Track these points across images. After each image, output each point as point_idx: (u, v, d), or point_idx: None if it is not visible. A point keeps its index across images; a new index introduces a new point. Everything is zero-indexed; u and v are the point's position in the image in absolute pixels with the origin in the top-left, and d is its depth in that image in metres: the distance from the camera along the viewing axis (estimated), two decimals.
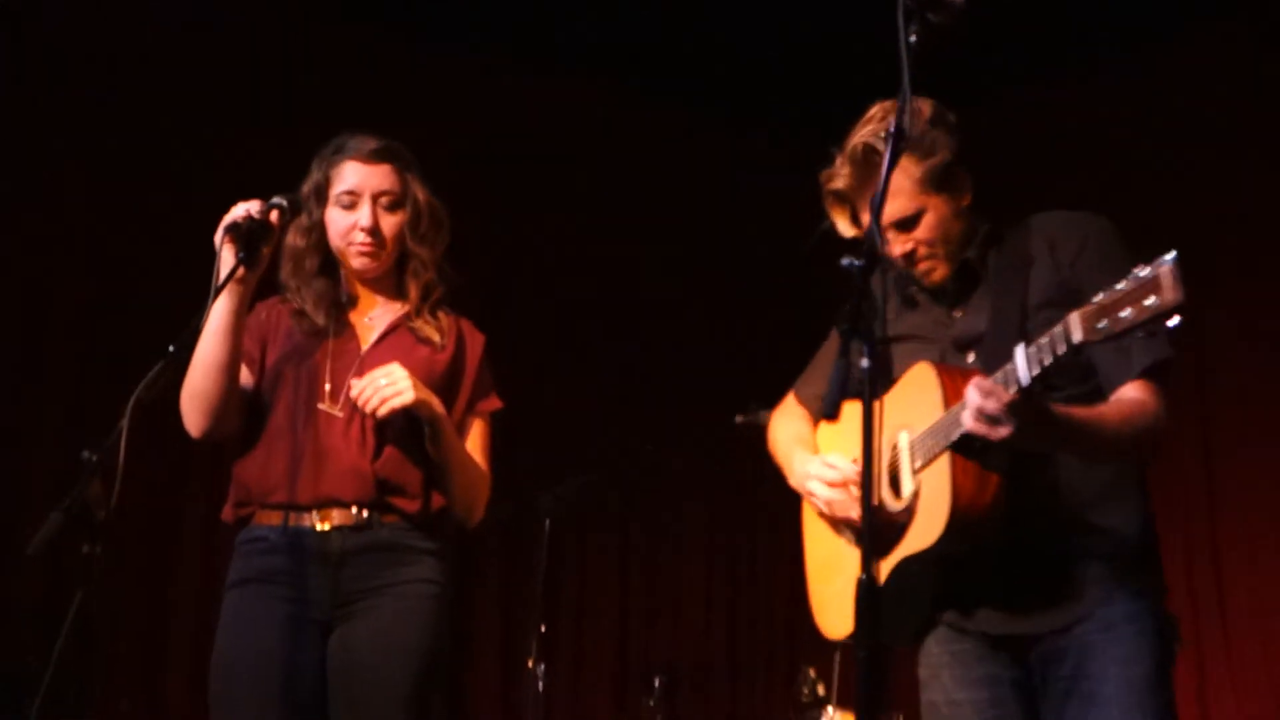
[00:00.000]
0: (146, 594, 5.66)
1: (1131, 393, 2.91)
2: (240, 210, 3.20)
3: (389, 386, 3.27)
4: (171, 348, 2.92)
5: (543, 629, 5.45)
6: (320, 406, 3.36)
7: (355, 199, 3.44)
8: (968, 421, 2.72)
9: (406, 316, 3.50)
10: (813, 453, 3.34)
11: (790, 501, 7.46)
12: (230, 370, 3.30)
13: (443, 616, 3.37)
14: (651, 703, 6.05)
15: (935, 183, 3.02)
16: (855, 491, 3.15)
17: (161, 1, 5.97)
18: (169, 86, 5.92)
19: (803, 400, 3.49)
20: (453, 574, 3.43)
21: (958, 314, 3.12)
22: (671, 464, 6.50)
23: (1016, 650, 3.00)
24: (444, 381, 3.45)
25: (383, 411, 3.27)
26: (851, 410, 3.29)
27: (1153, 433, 2.91)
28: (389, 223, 3.46)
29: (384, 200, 3.45)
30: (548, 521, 5.51)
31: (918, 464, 2.96)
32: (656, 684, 5.97)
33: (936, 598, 3.08)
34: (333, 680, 3.28)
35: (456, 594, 3.46)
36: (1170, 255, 2.43)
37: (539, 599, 5.47)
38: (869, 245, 2.39)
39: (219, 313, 3.24)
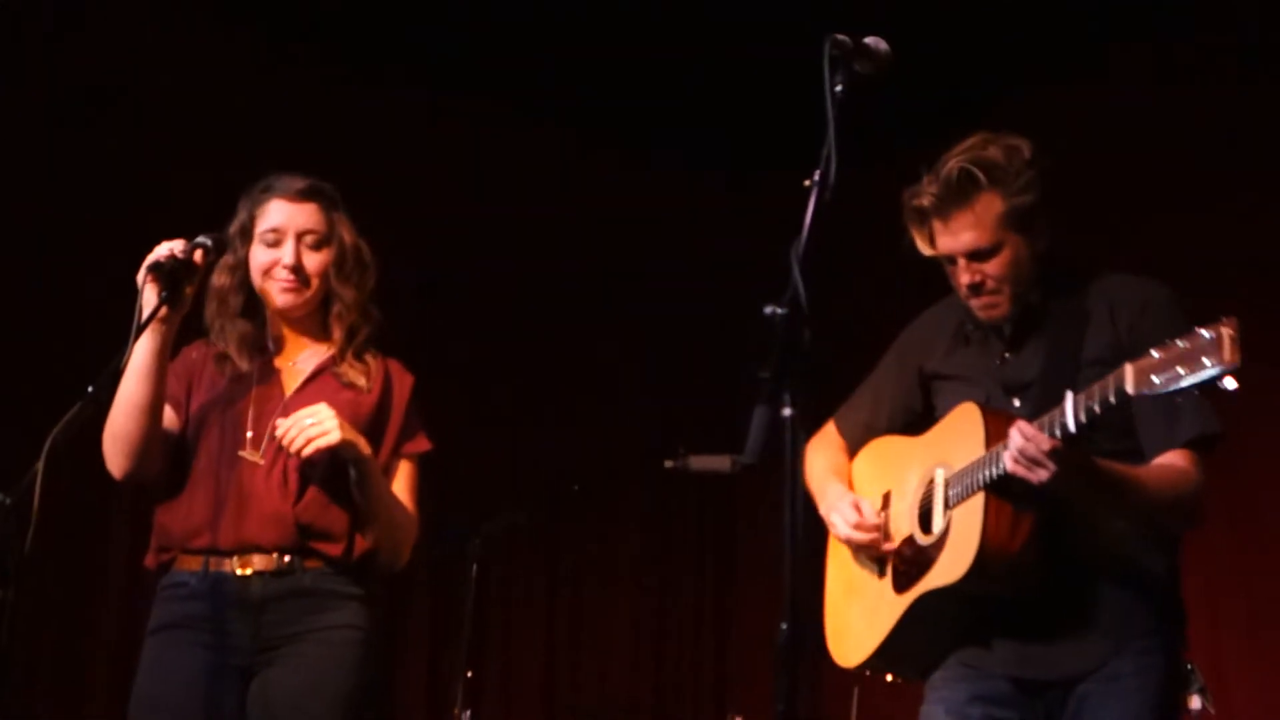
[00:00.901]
0: (64, 639, 5.57)
1: (1174, 460, 2.95)
2: (164, 249, 3.17)
3: (314, 426, 3.23)
4: (90, 388, 2.88)
5: (469, 674, 5.41)
6: (242, 454, 3.33)
7: (279, 236, 3.42)
8: (1009, 463, 2.78)
9: (332, 360, 3.47)
10: (847, 483, 3.39)
11: (717, 546, 7.48)
12: (153, 411, 3.26)
13: (368, 662, 3.33)
14: None
15: (1017, 222, 3.05)
16: (867, 536, 3.21)
17: (108, 39, 5.93)
18: (98, 118, 5.86)
19: (842, 431, 3.51)
20: (379, 619, 3.39)
21: (1009, 356, 3.16)
22: (599, 506, 6.50)
23: (1026, 694, 3.03)
24: (370, 425, 3.41)
25: (307, 451, 3.23)
26: (888, 444, 3.37)
27: (1192, 502, 2.95)
28: (313, 261, 3.43)
29: (308, 239, 3.43)
30: (475, 566, 5.47)
31: (952, 501, 3.00)
32: None
33: (954, 634, 3.10)
34: None
35: (383, 640, 3.42)
36: (1232, 319, 2.49)
37: (465, 645, 5.43)
38: (792, 294, 2.39)
39: (141, 353, 3.20)
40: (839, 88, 2.57)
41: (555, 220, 7.09)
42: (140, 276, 3.14)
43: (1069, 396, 2.74)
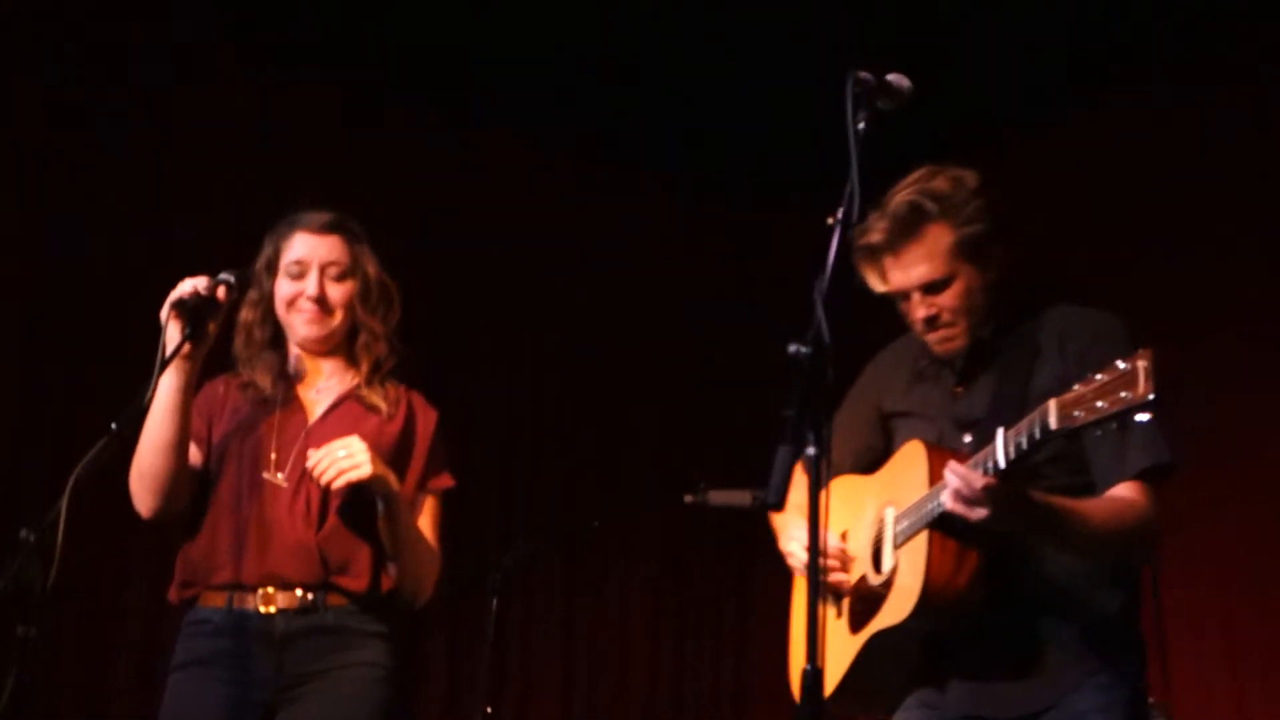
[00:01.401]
0: (85, 674, 5.57)
1: (1123, 492, 2.92)
2: (187, 286, 3.18)
3: (347, 459, 3.23)
4: (114, 425, 2.88)
5: (489, 710, 5.39)
6: (264, 475, 3.33)
7: (303, 268, 3.45)
8: (947, 502, 2.77)
9: (355, 388, 3.48)
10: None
11: (735, 582, 7.44)
12: (179, 448, 3.27)
13: (391, 700, 3.32)
14: None
15: (968, 252, 3.04)
16: (831, 563, 3.17)
17: (131, 68, 5.96)
18: (119, 152, 5.89)
19: (804, 469, 3.49)
20: (401, 657, 3.39)
21: (960, 391, 3.14)
22: (618, 540, 6.49)
23: None
24: (393, 454, 3.41)
25: (338, 484, 3.23)
26: (848, 484, 3.34)
27: (1142, 533, 2.93)
28: (336, 291, 3.45)
29: (332, 270, 3.45)
30: (494, 600, 5.47)
31: (899, 539, 2.99)
32: None
33: (911, 672, 3.08)
34: None
35: (404, 677, 3.42)
36: (1147, 351, 2.48)
37: (486, 678, 5.42)
38: (815, 332, 2.39)
39: (166, 390, 3.21)
40: (861, 124, 2.58)
41: (575, 253, 7.12)
42: (164, 313, 3.15)
43: (1000, 433, 2.73)
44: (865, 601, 3.10)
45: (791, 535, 3.27)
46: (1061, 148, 6.53)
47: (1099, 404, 2.51)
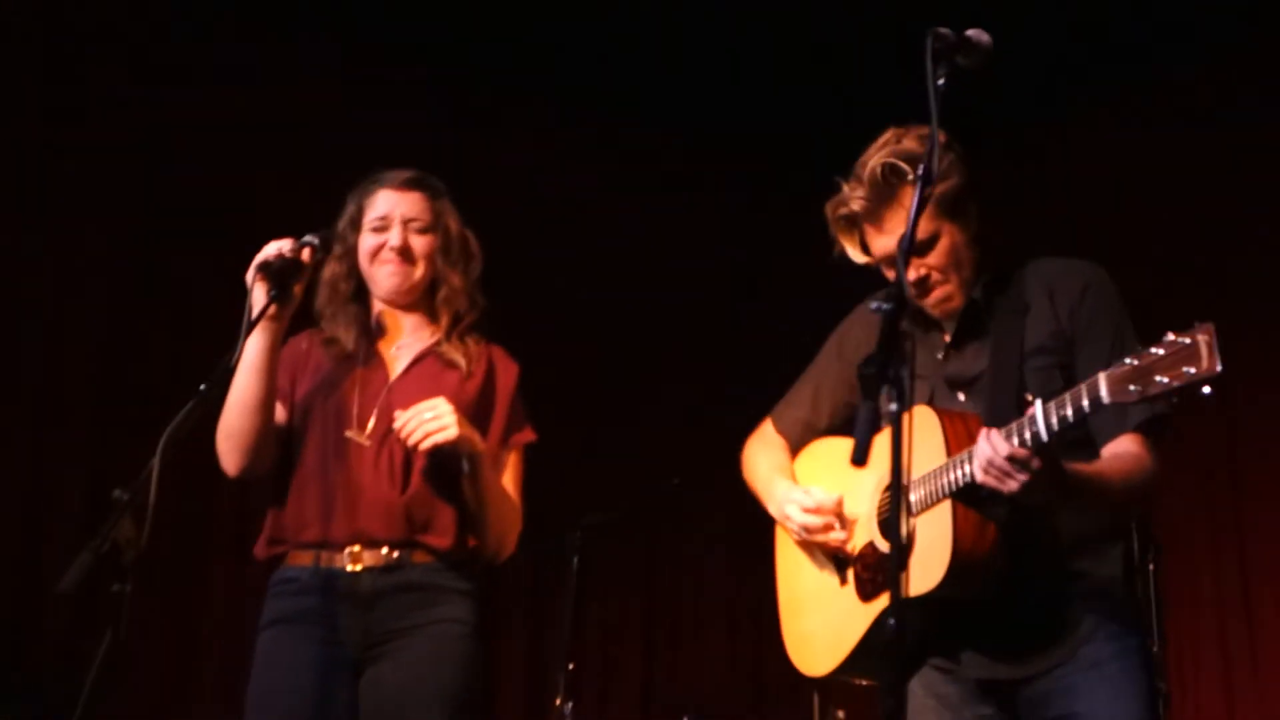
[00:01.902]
0: (173, 629, 5.67)
1: (1127, 446, 2.92)
2: (272, 248, 3.22)
3: (433, 421, 3.26)
4: (203, 386, 2.92)
5: (570, 667, 5.42)
6: (347, 433, 3.37)
7: (386, 223, 3.49)
8: (978, 473, 2.74)
9: (435, 344, 3.50)
10: (793, 482, 3.34)
11: None
12: (265, 408, 3.31)
13: (475, 657, 3.35)
14: None
15: (948, 208, 3.01)
16: (832, 521, 3.18)
17: (193, 44, 6.02)
18: (195, 120, 5.96)
19: (781, 429, 3.48)
20: (484, 614, 3.41)
21: (951, 351, 3.11)
22: (697, 498, 6.48)
23: (1003, 694, 2.99)
24: (474, 409, 3.43)
25: (425, 446, 3.25)
26: (830, 446, 3.31)
27: (1147, 488, 2.94)
28: (419, 244, 3.49)
29: (414, 225, 3.50)
30: (576, 559, 5.49)
31: (915, 508, 2.95)
32: None
33: (925, 641, 3.06)
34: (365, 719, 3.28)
35: (487, 634, 3.45)
36: (1208, 325, 2.45)
37: (567, 637, 5.44)
38: (898, 288, 2.39)
39: (252, 350, 3.26)
40: (941, 81, 2.57)
41: (647, 213, 7.12)
42: (249, 275, 3.19)
43: (1038, 405, 2.68)
44: (875, 570, 3.08)
45: (785, 499, 3.28)
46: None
47: (1159, 378, 2.48)
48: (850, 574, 3.18)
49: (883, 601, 3.04)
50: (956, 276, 3.06)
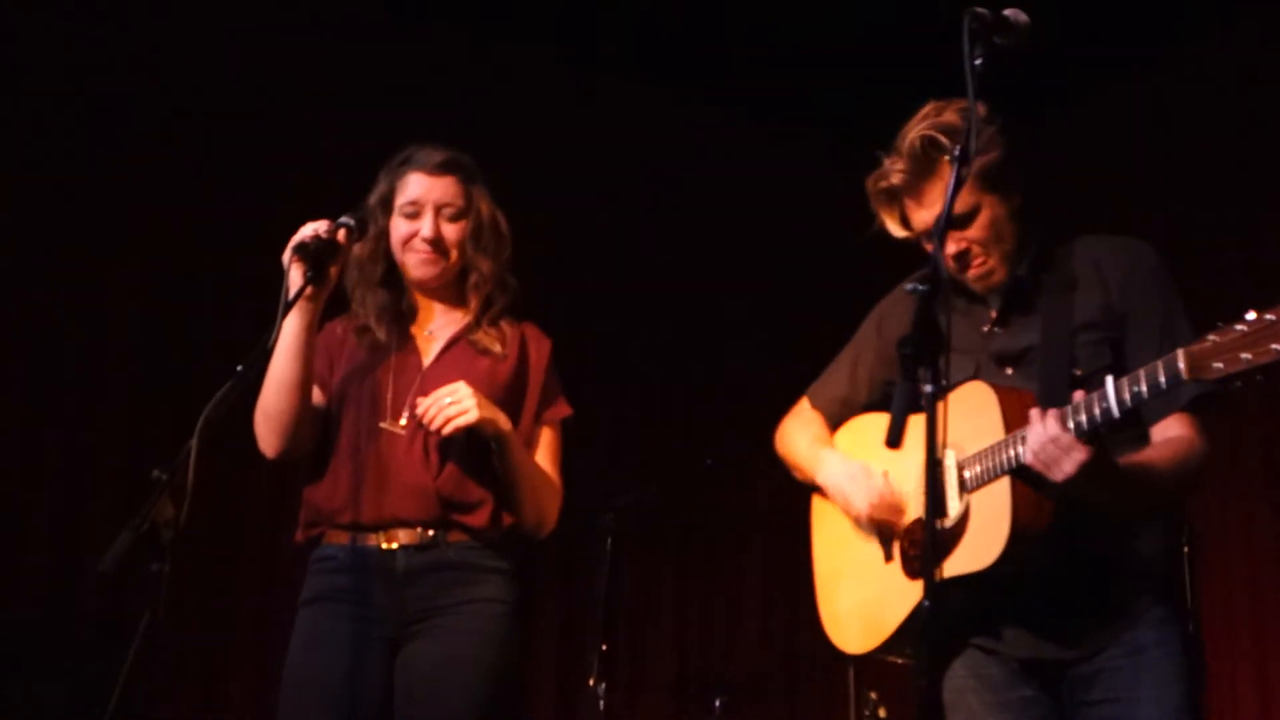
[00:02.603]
0: (208, 609, 5.70)
1: (1177, 429, 2.90)
2: (308, 230, 3.23)
3: (453, 405, 3.27)
4: (240, 367, 2.94)
5: (604, 648, 5.44)
6: (382, 425, 3.38)
7: (418, 209, 3.48)
8: (1028, 456, 2.73)
9: (467, 329, 3.51)
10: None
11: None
12: (302, 389, 3.33)
13: (512, 636, 3.36)
14: None
15: (989, 181, 3.00)
16: (889, 508, 3.15)
17: (229, 28, 6.05)
18: (228, 104, 5.99)
19: (818, 406, 3.48)
20: (521, 593, 3.42)
21: (997, 327, 3.10)
22: (730, 478, 6.49)
23: (1046, 675, 2.99)
24: (507, 393, 3.44)
25: (447, 430, 3.27)
26: (871, 421, 3.30)
27: (1199, 471, 2.91)
28: (450, 232, 3.48)
29: (446, 211, 3.48)
30: (609, 540, 5.50)
31: (969, 485, 2.94)
32: (717, 705, 5.95)
33: (969, 617, 3.04)
34: (399, 698, 3.30)
35: (524, 613, 3.45)
36: None
37: (600, 617, 5.46)
38: (934, 268, 2.38)
39: (289, 331, 3.27)
40: (979, 61, 2.56)
41: (685, 194, 7.10)
42: (286, 257, 3.19)
43: (1109, 381, 2.66)
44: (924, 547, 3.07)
45: (850, 476, 3.24)
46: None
47: (1244, 355, 2.45)
48: (896, 550, 3.16)
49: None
50: (998, 250, 3.04)
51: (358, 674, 3.28)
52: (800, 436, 3.44)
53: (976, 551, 2.88)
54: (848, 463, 3.27)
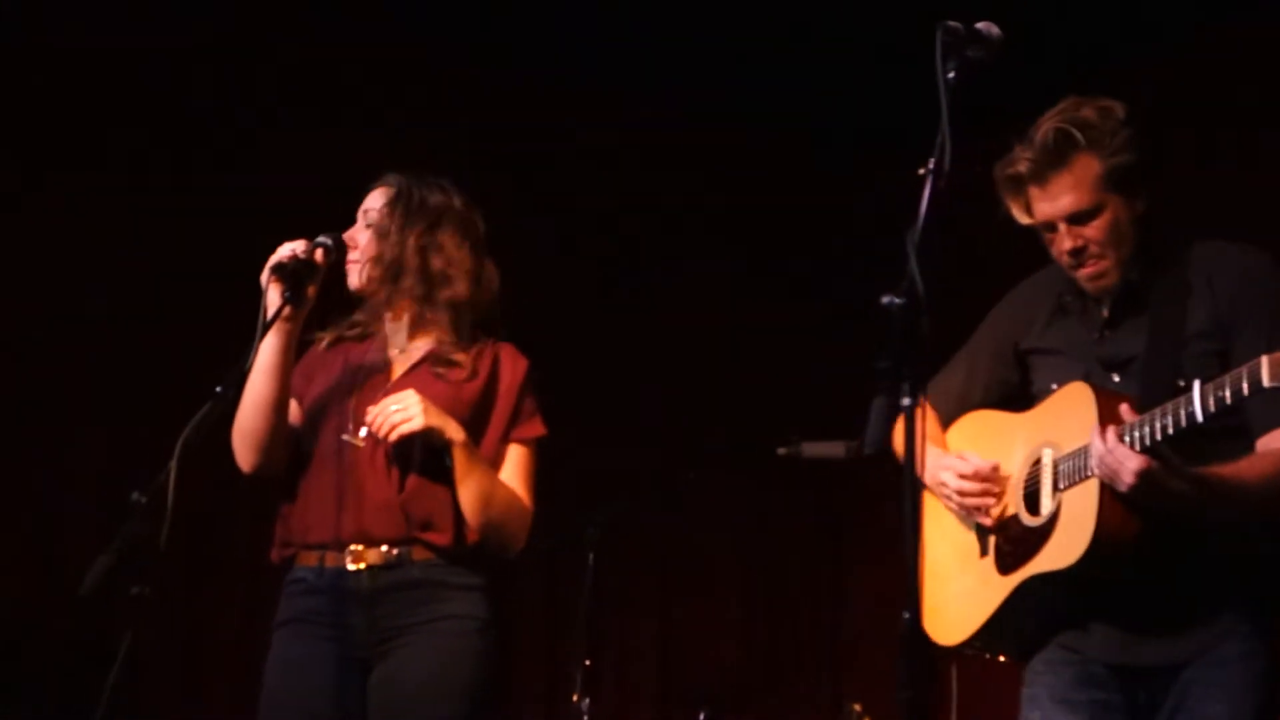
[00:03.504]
0: (189, 630, 5.69)
1: None
2: (286, 250, 3.24)
3: (398, 412, 3.27)
4: (219, 388, 2.94)
5: (587, 663, 5.44)
6: (343, 436, 3.38)
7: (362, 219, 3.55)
8: (1094, 466, 2.76)
9: (439, 346, 3.50)
10: (945, 450, 3.35)
11: (829, 533, 7.39)
12: (279, 408, 3.33)
13: (486, 652, 3.36)
14: None
15: (1115, 183, 3.01)
16: (987, 487, 3.18)
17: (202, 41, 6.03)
18: (211, 114, 5.96)
19: (934, 402, 3.46)
20: (496, 609, 3.42)
21: (1108, 331, 3.11)
22: (712, 492, 6.49)
23: (1127, 680, 3.00)
24: (472, 411, 3.44)
25: (393, 437, 3.27)
26: (983, 418, 3.34)
27: None
28: (366, 240, 3.51)
29: (370, 215, 3.53)
30: (591, 555, 5.50)
31: (1061, 484, 2.97)
32: (701, 717, 5.95)
33: (1056, 617, 3.07)
34: (373, 718, 3.30)
35: (501, 630, 3.45)
36: None
37: (583, 633, 5.46)
38: (910, 281, 2.39)
39: (267, 352, 3.27)
40: (951, 74, 2.57)
41: (665, 203, 7.09)
42: (264, 277, 3.21)
43: (1196, 386, 2.69)
44: (1016, 543, 3.09)
45: (937, 464, 3.26)
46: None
47: None
48: (991, 544, 3.19)
49: (1021, 575, 3.04)
50: (1115, 254, 3.05)
51: (332, 695, 3.29)
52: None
53: (1061, 551, 2.92)
54: (945, 455, 3.30)
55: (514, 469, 3.51)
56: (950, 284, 2.84)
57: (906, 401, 2.32)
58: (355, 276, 3.50)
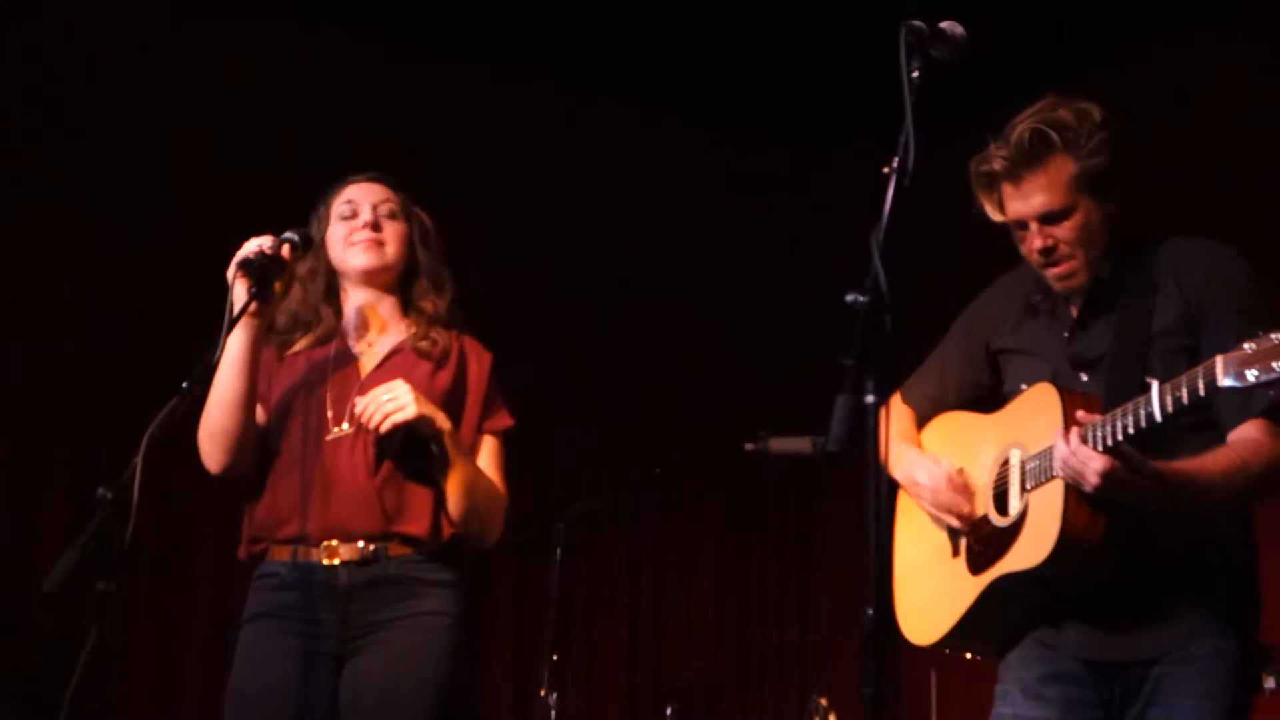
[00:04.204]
0: (158, 626, 5.68)
1: (1249, 433, 2.91)
2: (252, 245, 3.23)
3: (390, 401, 3.27)
4: (185, 384, 2.93)
5: (555, 658, 5.45)
6: (327, 439, 3.37)
7: (354, 207, 3.53)
8: (1057, 468, 2.78)
9: (408, 338, 3.50)
10: (920, 450, 3.38)
11: (797, 528, 7.43)
12: (247, 405, 3.32)
13: (458, 648, 3.35)
14: None
15: (1088, 185, 3.02)
16: (950, 489, 3.21)
17: (183, 40, 6.02)
18: (182, 121, 5.96)
19: (909, 402, 3.50)
20: (466, 605, 3.41)
21: (1077, 330, 3.13)
22: (680, 488, 6.51)
23: (1101, 675, 3.02)
24: (447, 401, 3.43)
25: (385, 427, 3.27)
26: (956, 419, 3.37)
27: (1270, 475, 2.89)
28: (391, 228, 3.52)
29: (384, 208, 3.53)
30: (559, 550, 5.51)
31: (1029, 484, 2.99)
32: (669, 712, 5.96)
33: (1029, 614, 3.09)
34: (345, 713, 3.29)
35: (470, 625, 3.45)
36: None
37: (551, 628, 5.47)
38: (874, 280, 2.40)
39: (234, 348, 3.26)
40: (915, 74, 2.58)
41: (631, 203, 7.12)
42: (230, 273, 3.19)
43: (1154, 386, 2.70)
44: (987, 543, 3.11)
45: (914, 464, 3.29)
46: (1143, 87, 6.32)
47: (1275, 364, 2.51)
48: (962, 544, 3.21)
49: (991, 574, 3.06)
50: (1084, 254, 3.06)
51: (304, 690, 3.27)
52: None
53: (1029, 551, 2.94)
54: (922, 456, 3.32)
55: (488, 459, 3.53)
56: (936, 279, 2.86)
57: (870, 399, 2.33)
58: (374, 256, 3.49)
